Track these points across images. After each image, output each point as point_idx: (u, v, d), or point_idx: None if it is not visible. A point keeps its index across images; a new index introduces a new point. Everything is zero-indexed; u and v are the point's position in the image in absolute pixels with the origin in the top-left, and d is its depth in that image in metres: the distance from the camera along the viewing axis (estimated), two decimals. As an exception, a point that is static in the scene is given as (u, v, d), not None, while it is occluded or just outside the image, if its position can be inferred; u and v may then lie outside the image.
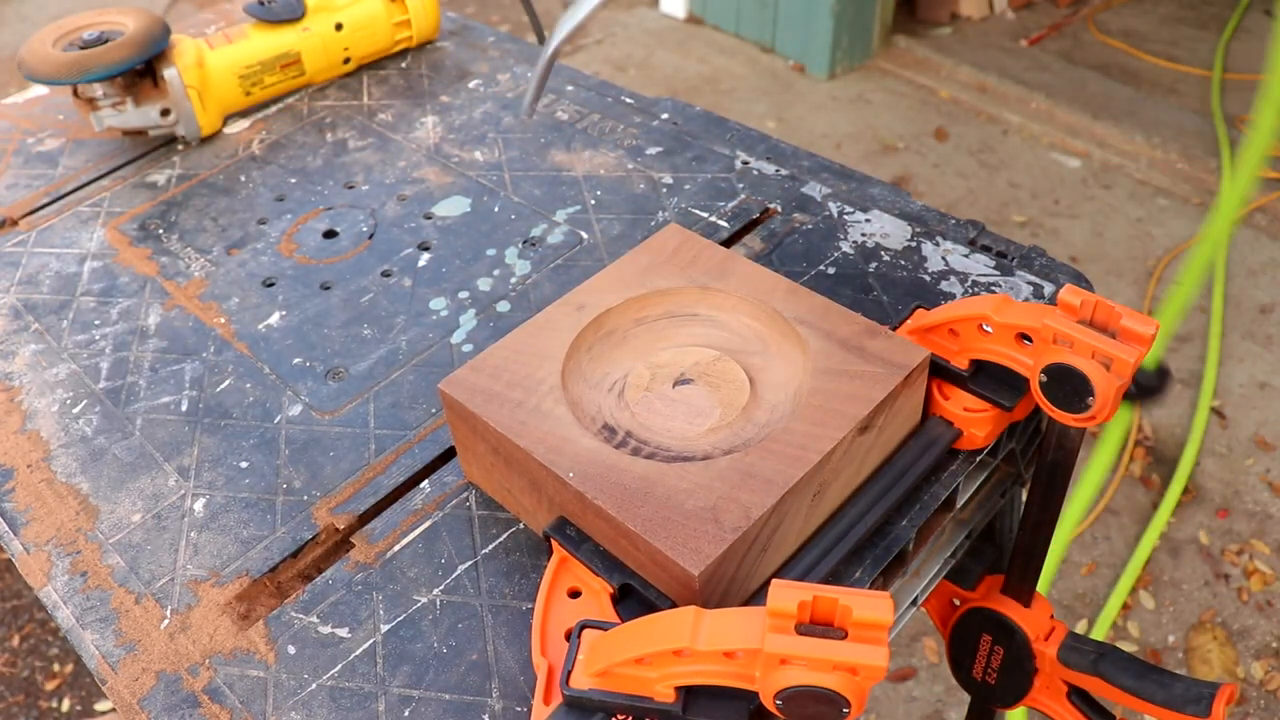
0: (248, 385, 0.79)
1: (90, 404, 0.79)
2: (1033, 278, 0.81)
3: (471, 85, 1.15)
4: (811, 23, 3.26)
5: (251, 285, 0.89)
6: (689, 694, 0.50)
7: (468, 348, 0.81)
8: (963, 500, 0.73)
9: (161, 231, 0.97)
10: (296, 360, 0.81)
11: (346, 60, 1.16)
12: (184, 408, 0.78)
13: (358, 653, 0.60)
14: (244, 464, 0.73)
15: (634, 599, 0.57)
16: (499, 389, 0.63)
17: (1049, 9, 3.72)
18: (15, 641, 1.84)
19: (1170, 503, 1.97)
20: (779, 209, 0.92)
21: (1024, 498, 0.76)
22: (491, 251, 0.91)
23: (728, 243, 0.89)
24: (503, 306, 0.85)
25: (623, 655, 0.48)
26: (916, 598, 0.77)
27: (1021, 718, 1.53)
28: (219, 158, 1.07)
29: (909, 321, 0.70)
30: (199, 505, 0.70)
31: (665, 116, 1.07)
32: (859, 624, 0.43)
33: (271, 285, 0.89)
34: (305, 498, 0.70)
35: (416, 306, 0.85)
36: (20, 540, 0.69)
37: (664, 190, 0.96)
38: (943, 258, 0.85)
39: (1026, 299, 0.80)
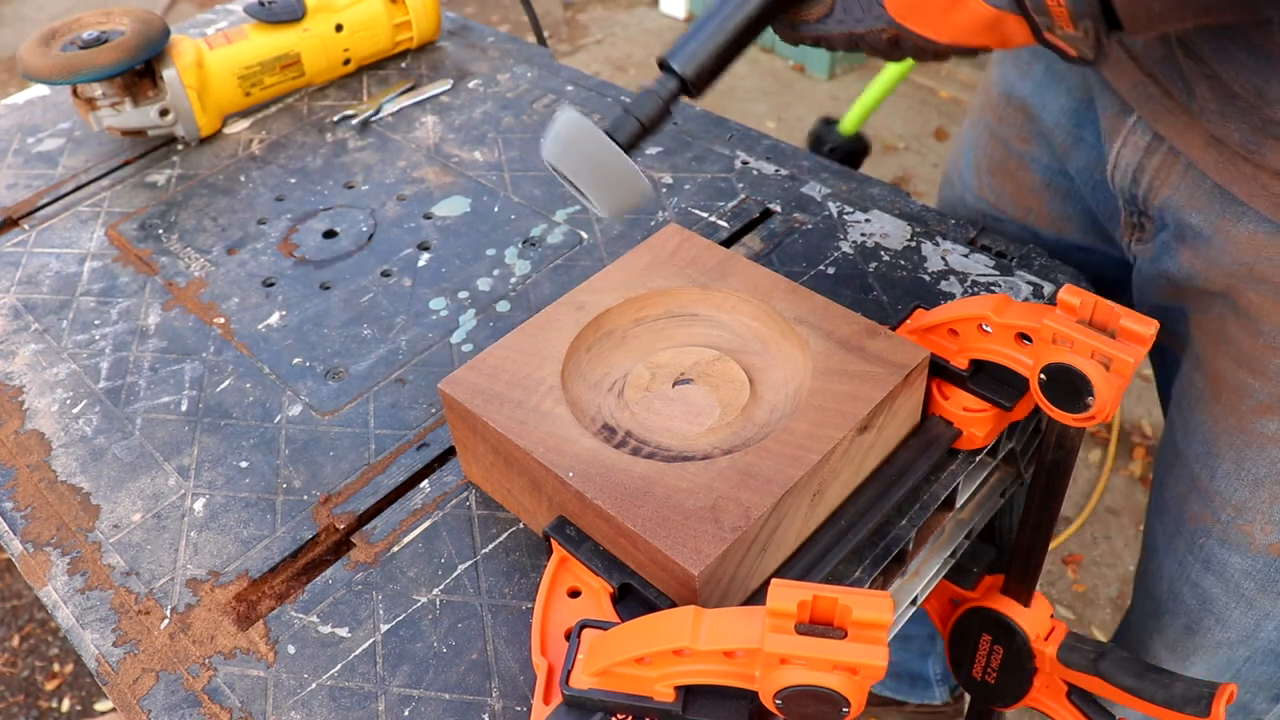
0: (248, 385, 0.79)
1: (90, 404, 0.79)
2: (1032, 277, 0.81)
3: (471, 85, 1.16)
4: (811, 23, 3.26)
5: (251, 285, 0.89)
6: (689, 693, 0.50)
7: (468, 348, 0.81)
8: (963, 500, 0.73)
9: (161, 231, 0.97)
10: (296, 360, 0.81)
11: (346, 61, 1.16)
12: (184, 408, 0.78)
13: (358, 652, 0.60)
14: (244, 464, 0.73)
15: (634, 599, 0.57)
16: (499, 389, 0.63)
17: (1049, 9, 3.72)
18: (15, 641, 1.84)
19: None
20: (779, 209, 0.92)
21: (1024, 498, 0.76)
22: (491, 251, 0.91)
23: (728, 243, 0.89)
24: (503, 306, 0.85)
25: (623, 655, 0.48)
26: (916, 598, 0.77)
27: None
28: (219, 158, 1.07)
29: (909, 321, 0.70)
30: (199, 505, 0.70)
31: (665, 116, 1.07)
32: (859, 624, 0.43)
33: (271, 285, 0.89)
34: (305, 498, 0.70)
35: (416, 306, 0.85)
36: (20, 540, 0.69)
37: (664, 190, 0.96)
38: (942, 258, 0.85)
39: (1026, 299, 0.80)
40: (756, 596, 0.60)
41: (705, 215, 0.93)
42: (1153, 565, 0.90)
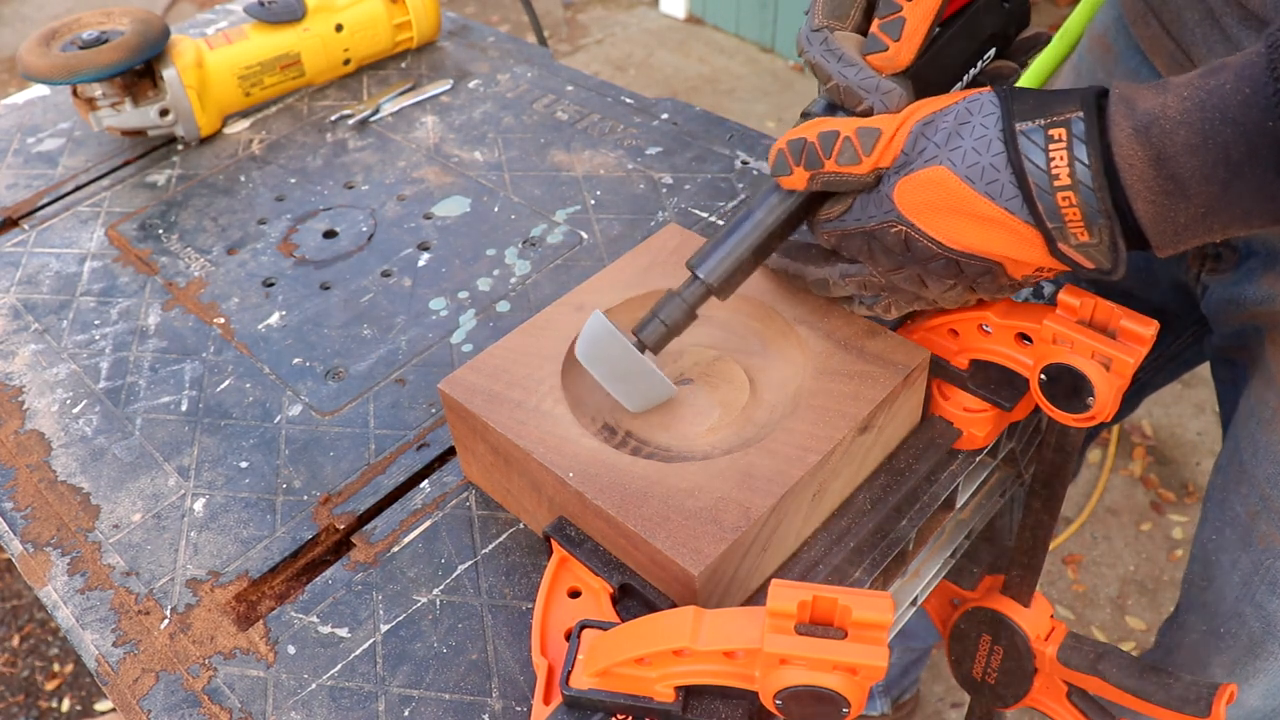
0: (248, 385, 0.79)
1: (90, 404, 0.79)
2: (1033, 278, 0.81)
3: (471, 85, 1.16)
4: (811, 23, 3.26)
5: (251, 285, 0.89)
6: (689, 694, 0.50)
7: (468, 348, 0.81)
8: (963, 500, 0.73)
9: (161, 231, 0.97)
10: (296, 360, 0.81)
11: (346, 61, 1.16)
12: (184, 408, 0.78)
13: (358, 652, 0.60)
14: (244, 464, 0.73)
15: (634, 599, 0.57)
16: (499, 389, 0.63)
17: (1049, 9, 3.72)
18: (15, 641, 1.84)
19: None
20: (779, 209, 0.92)
21: (1024, 498, 0.76)
22: (491, 251, 0.91)
23: (728, 243, 0.89)
24: (503, 306, 0.85)
25: (623, 655, 0.48)
26: (916, 598, 0.77)
27: None
28: (219, 158, 1.07)
29: (909, 322, 0.70)
30: (199, 505, 0.70)
31: (665, 116, 1.07)
32: (859, 624, 0.43)
33: (271, 285, 0.89)
34: (305, 498, 0.70)
35: (416, 306, 0.85)
36: (20, 540, 0.69)
37: (664, 190, 0.96)
38: (943, 258, 0.84)
39: (1026, 299, 0.80)
40: (756, 597, 0.60)
41: (705, 215, 0.93)
42: (1215, 584, 0.88)
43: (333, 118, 1.11)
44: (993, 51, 0.59)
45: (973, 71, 0.59)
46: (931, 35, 0.55)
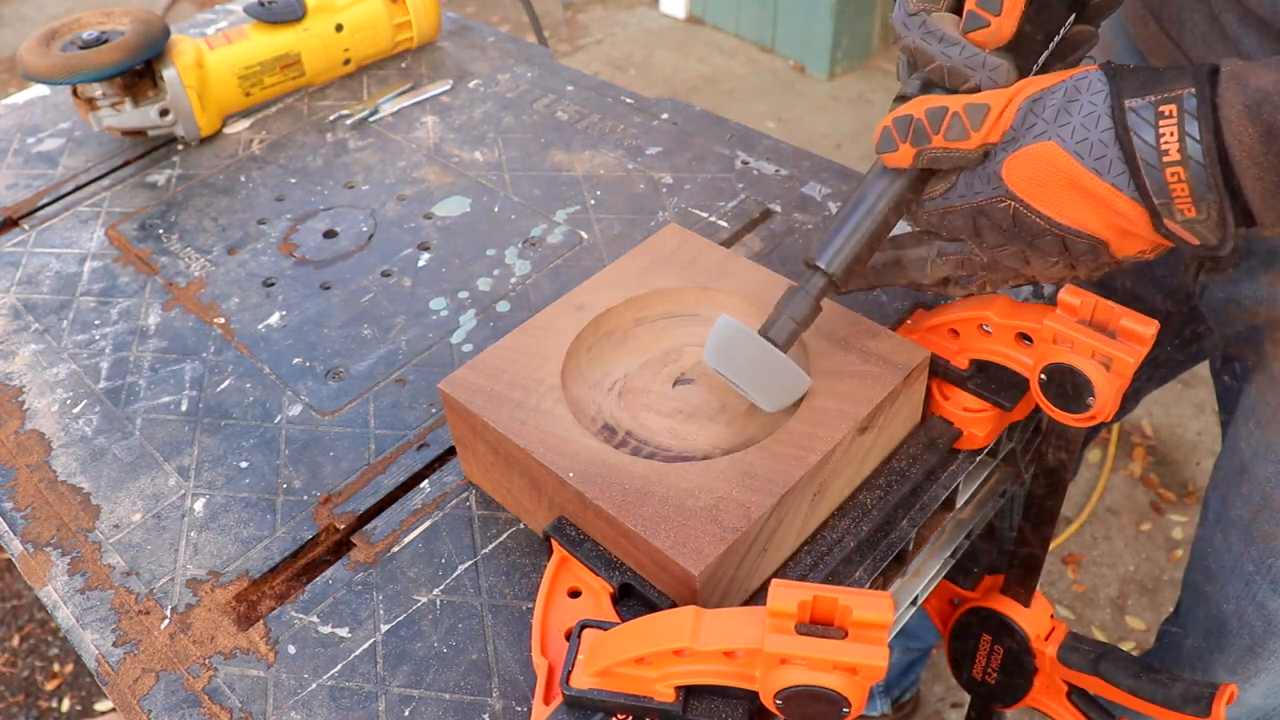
0: (248, 385, 0.79)
1: (90, 404, 0.79)
2: (1033, 278, 0.81)
3: (471, 85, 1.16)
4: (811, 23, 3.26)
5: (251, 285, 0.89)
6: (689, 694, 0.50)
7: (468, 348, 0.81)
8: (963, 500, 0.73)
9: (161, 231, 0.97)
10: (296, 360, 0.81)
11: (346, 61, 1.16)
12: (184, 408, 0.78)
13: (358, 652, 0.60)
14: (244, 464, 0.73)
15: (634, 599, 0.57)
16: (499, 389, 0.63)
17: None
18: (15, 641, 1.84)
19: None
20: (779, 209, 0.92)
21: (1024, 498, 0.76)
22: (491, 251, 0.91)
23: (728, 243, 0.89)
24: (503, 306, 0.85)
25: (623, 655, 0.48)
26: (916, 598, 0.77)
27: None
28: (219, 158, 1.07)
29: (909, 321, 0.70)
30: (199, 505, 0.70)
31: (665, 116, 1.07)
32: (859, 624, 0.43)
33: (271, 285, 0.89)
34: (305, 498, 0.70)
35: (416, 306, 0.85)
36: (20, 540, 0.69)
37: (664, 190, 0.96)
38: (943, 258, 0.84)
39: (1026, 299, 0.80)
40: (757, 596, 0.60)
41: (705, 215, 0.93)
42: (1217, 583, 0.88)
43: (332, 118, 1.11)
44: (1073, 17, 0.60)
45: (1057, 39, 0.59)
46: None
